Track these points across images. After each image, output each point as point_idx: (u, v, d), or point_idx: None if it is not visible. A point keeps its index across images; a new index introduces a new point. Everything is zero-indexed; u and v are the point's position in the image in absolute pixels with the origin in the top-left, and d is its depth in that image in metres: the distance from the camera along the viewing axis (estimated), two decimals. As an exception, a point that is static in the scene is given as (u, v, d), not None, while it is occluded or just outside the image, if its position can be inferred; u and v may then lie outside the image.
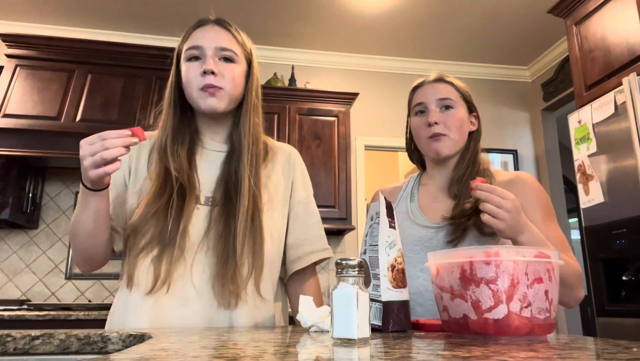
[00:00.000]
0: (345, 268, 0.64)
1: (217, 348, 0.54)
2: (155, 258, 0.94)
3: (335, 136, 3.27)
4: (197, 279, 0.94)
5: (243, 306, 0.95)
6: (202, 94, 0.99)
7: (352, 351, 0.53)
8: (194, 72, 1.00)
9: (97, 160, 0.81)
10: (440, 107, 1.17)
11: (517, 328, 0.63)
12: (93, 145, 0.82)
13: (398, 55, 3.84)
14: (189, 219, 0.96)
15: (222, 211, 0.98)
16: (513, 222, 0.92)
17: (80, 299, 3.01)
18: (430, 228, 1.14)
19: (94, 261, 1.00)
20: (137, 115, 2.93)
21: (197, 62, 1.01)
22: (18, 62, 2.91)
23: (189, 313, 0.92)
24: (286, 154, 1.15)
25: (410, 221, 1.18)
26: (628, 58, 2.14)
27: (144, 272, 0.94)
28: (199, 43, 1.01)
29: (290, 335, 0.73)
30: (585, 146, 2.25)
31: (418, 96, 1.21)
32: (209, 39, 1.01)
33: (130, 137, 0.83)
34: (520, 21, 3.33)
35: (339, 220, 3.11)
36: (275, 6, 3.17)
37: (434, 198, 1.21)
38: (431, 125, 1.15)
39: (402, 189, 1.30)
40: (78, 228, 0.93)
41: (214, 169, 1.04)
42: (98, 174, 0.83)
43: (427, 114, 1.17)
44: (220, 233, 0.96)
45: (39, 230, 3.07)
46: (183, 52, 1.03)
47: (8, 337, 0.71)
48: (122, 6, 3.17)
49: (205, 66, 0.98)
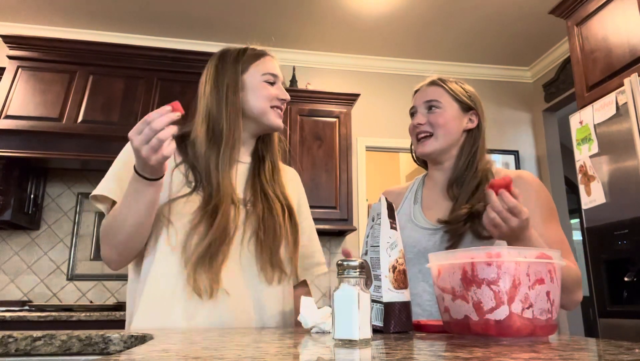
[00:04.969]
0: (346, 269, 0.64)
1: (218, 349, 0.54)
2: (210, 264, 0.98)
3: (336, 136, 3.27)
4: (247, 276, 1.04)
5: (285, 284, 1.09)
6: (276, 113, 1.14)
7: (353, 352, 0.53)
8: (274, 93, 1.13)
9: (155, 144, 0.82)
10: (427, 109, 1.22)
11: (518, 329, 0.63)
12: (142, 132, 0.82)
13: (399, 56, 3.84)
14: (233, 221, 1.03)
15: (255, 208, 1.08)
16: (512, 236, 0.89)
17: (81, 300, 3.01)
18: (428, 230, 1.14)
19: (131, 254, 1.01)
20: (138, 116, 2.93)
21: (274, 85, 1.15)
22: (20, 63, 2.91)
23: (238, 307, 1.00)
24: (292, 173, 1.28)
25: (411, 223, 1.19)
26: (629, 59, 2.14)
27: (202, 279, 0.98)
28: (276, 72, 1.16)
29: (292, 336, 0.73)
30: (586, 147, 2.24)
31: (413, 100, 1.28)
32: (280, 71, 1.18)
33: (172, 112, 0.83)
34: (521, 22, 3.33)
35: (340, 221, 3.10)
36: (276, 7, 3.17)
37: (435, 200, 1.21)
38: (416, 127, 1.22)
39: (408, 190, 1.31)
40: (126, 220, 0.93)
41: (240, 175, 1.13)
42: (158, 159, 0.84)
43: (415, 117, 1.24)
44: (255, 228, 1.06)
45: (41, 231, 3.07)
46: (260, 74, 1.14)
47: (10, 338, 0.71)
48: (123, 8, 3.18)
49: (286, 96, 1.15)
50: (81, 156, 2.77)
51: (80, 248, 3.10)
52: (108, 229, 0.97)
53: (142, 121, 0.83)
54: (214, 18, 3.23)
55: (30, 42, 2.95)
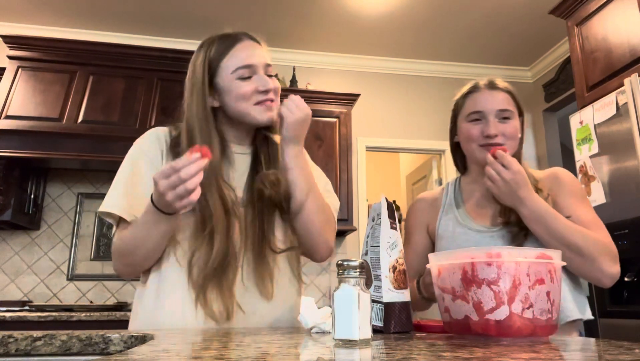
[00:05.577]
0: (346, 269, 0.64)
1: (218, 349, 0.54)
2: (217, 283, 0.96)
3: (336, 137, 3.27)
4: (244, 280, 1.00)
5: (280, 294, 1.03)
6: (260, 108, 1.03)
7: (353, 353, 0.53)
8: (250, 89, 1.02)
9: (182, 193, 0.82)
10: (500, 119, 1.15)
11: (518, 329, 0.63)
12: (169, 178, 0.81)
13: (399, 56, 3.83)
14: (233, 229, 1.00)
15: (255, 208, 1.03)
16: (508, 191, 1.03)
17: (82, 300, 3.01)
18: (486, 233, 1.14)
19: (144, 269, 1.02)
20: (138, 116, 2.93)
21: (250, 80, 1.03)
22: (20, 63, 2.91)
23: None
24: None
25: (462, 227, 1.18)
26: (630, 59, 2.14)
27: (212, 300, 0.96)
28: (250, 62, 1.03)
29: (292, 336, 0.73)
30: (587, 147, 2.24)
31: (475, 103, 1.18)
32: (257, 57, 1.05)
33: (200, 159, 0.82)
34: (521, 22, 3.33)
35: (340, 221, 3.10)
36: (276, 7, 3.17)
37: (480, 204, 1.20)
38: (490, 137, 1.13)
39: (444, 196, 1.28)
40: (141, 247, 0.94)
41: (242, 171, 1.09)
42: (184, 205, 0.84)
43: (486, 125, 1.15)
44: (256, 231, 1.02)
45: (41, 231, 3.07)
46: (230, 73, 1.03)
47: (10, 338, 0.71)
48: (123, 8, 3.18)
49: (267, 85, 1.03)
50: (81, 156, 2.77)
51: (80, 248, 3.10)
52: (122, 251, 0.98)
53: (170, 167, 0.81)
54: (214, 18, 3.22)
55: (30, 42, 2.95)
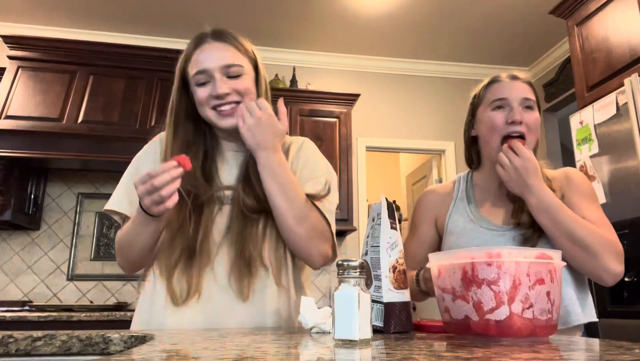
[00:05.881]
0: (346, 269, 0.64)
1: (218, 349, 0.54)
2: (185, 270, 0.97)
3: (336, 137, 3.27)
4: (219, 276, 0.98)
5: (261, 296, 0.99)
6: (219, 115, 1.00)
7: (353, 353, 0.53)
8: (206, 96, 0.99)
9: (157, 199, 0.84)
10: (524, 107, 1.12)
11: (519, 329, 0.63)
12: (145, 185, 0.84)
13: (399, 56, 3.84)
14: (212, 224, 1.00)
15: (242, 208, 1.00)
16: (517, 177, 1.04)
17: (82, 300, 3.01)
18: (496, 232, 1.12)
19: (144, 266, 1.05)
20: (138, 116, 2.93)
21: (207, 85, 0.99)
22: (20, 63, 2.91)
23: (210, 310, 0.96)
24: (296, 146, 1.17)
25: (473, 224, 1.16)
26: (630, 59, 2.14)
27: (177, 284, 0.97)
28: (204, 67, 0.98)
29: (292, 336, 0.73)
30: (587, 147, 2.24)
31: (499, 91, 1.15)
32: (213, 60, 0.99)
33: (176, 168, 0.84)
34: (521, 22, 3.33)
35: (340, 221, 3.10)
36: (276, 8, 3.17)
37: (494, 201, 1.18)
38: (515, 123, 1.09)
39: (455, 190, 1.26)
40: (134, 244, 0.97)
41: (234, 168, 1.07)
42: (160, 211, 0.86)
43: (510, 111, 1.11)
44: (240, 229, 0.99)
45: (41, 231, 3.07)
46: (191, 76, 1.01)
47: (10, 338, 0.71)
48: (123, 8, 3.18)
49: (216, 91, 0.97)
50: (81, 156, 2.77)
51: (80, 248, 3.10)
52: (120, 247, 1.02)
53: (146, 173, 0.84)
54: (214, 18, 3.22)
55: (30, 42, 2.95)
